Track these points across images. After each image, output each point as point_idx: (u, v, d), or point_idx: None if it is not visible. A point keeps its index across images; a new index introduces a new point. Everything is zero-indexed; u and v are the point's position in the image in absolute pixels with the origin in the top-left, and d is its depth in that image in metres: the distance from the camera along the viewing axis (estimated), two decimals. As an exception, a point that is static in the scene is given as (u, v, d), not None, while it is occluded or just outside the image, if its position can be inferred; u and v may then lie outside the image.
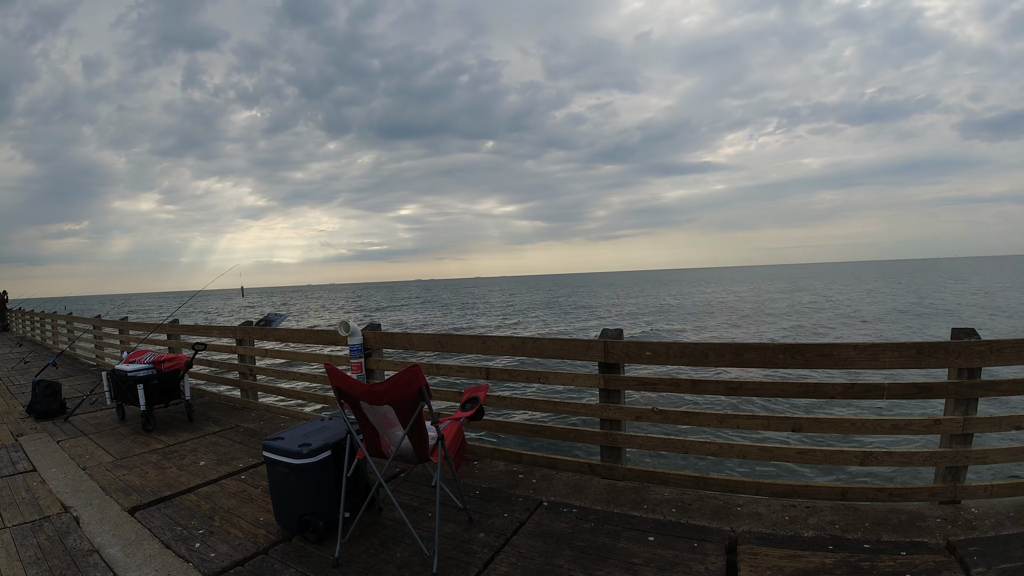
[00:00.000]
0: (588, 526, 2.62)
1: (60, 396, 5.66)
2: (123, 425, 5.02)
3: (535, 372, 3.59)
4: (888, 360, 2.66)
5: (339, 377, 2.38)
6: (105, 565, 2.41)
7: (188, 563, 2.41)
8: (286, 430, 2.81)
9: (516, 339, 3.59)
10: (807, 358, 2.78)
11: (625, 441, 3.25)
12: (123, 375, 4.91)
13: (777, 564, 2.17)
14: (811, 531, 2.45)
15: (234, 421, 4.97)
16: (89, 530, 2.78)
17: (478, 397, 2.85)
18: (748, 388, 2.98)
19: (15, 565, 2.43)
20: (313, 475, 2.53)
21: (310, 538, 2.56)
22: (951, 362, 2.62)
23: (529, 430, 3.78)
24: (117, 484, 3.43)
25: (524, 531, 2.59)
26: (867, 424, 2.79)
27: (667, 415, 3.19)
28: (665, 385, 3.19)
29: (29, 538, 2.70)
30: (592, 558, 2.31)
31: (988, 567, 2.02)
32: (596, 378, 3.28)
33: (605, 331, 3.25)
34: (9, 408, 6.05)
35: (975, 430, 2.64)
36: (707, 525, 2.57)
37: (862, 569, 2.10)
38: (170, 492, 3.25)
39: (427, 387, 2.27)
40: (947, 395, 2.69)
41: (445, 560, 2.33)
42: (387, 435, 2.45)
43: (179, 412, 5.28)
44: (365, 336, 4.26)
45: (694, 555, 2.29)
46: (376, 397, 2.29)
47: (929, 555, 2.17)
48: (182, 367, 5.11)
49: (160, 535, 2.68)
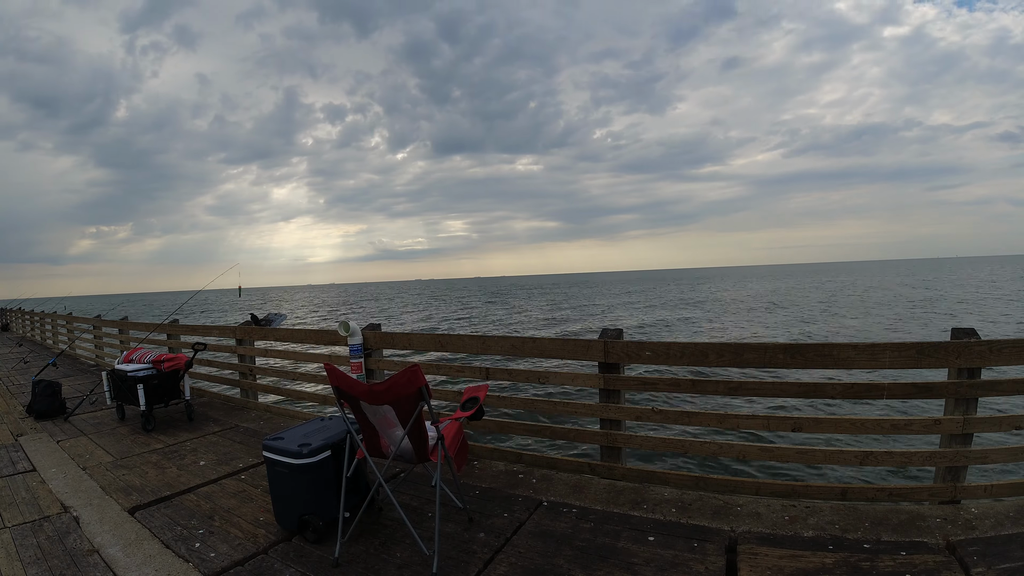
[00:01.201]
0: (588, 526, 2.61)
1: (60, 396, 5.66)
2: (123, 425, 5.02)
3: (535, 372, 3.59)
4: (888, 360, 2.66)
5: (339, 377, 2.38)
6: (105, 565, 2.41)
7: (188, 563, 2.41)
8: (286, 430, 2.81)
9: (516, 339, 3.59)
10: (807, 358, 2.79)
11: (625, 441, 3.25)
12: (123, 375, 4.92)
13: (777, 564, 2.17)
14: (811, 531, 2.45)
15: (234, 421, 4.97)
16: (89, 530, 2.78)
17: (478, 397, 2.85)
18: (748, 388, 2.98)
19: (15, 565, 2.43)
20: (313, 475, 2.53)
21: (310, 538, 2.55)
22: (951, 362, 2.62)
23: (529, 430, 3.78)
24: (117, 484, 3.43)
25: (524, 531, 2.59)
26: (867, 424, 2.79)
27: (667, 415, 3.19)
28: (665, 385, 3.19)
29: (29, 538, 2.70)
30: (592, 558, 2.31)
31: (988, 567, 2.02)
32: (596, 378, 3.28)
33: (605, 331, 3.25)
34: (9, 408, 6.05)
35: (975, 430, 2.64)
36: (707, 525, 2.57)
37: (862, 569, 2.10)
38: (170, 492, 3.26)
39: (427, 387, 2.27)
40: (947, 395, 2.69)
41: (445, 560, 2.33)
42: (387, 435, 2.45)
43: (179, 412, 5.28)
44: (365, 336, 4.27)
45: (694, 555, 2.29)
46: (376, 397, 2.29)
47: (929, 555, 2.17)
48: (182, 367, 5.11)
49: (160, 535, 2.68)
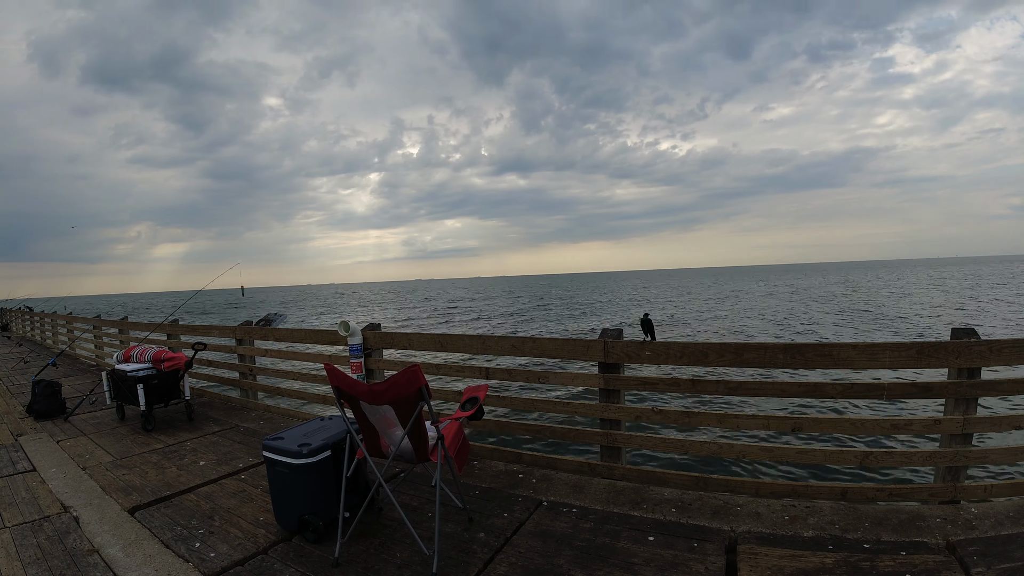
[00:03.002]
0: (588, 526, 2.61)
1: (60, 396, 5.66)
2: (123, 425, 5.02)
3: (535, 372, 3.59)
4: (888, 360, 2.66)
5: (339, 377, 2.37)
6: (105, 565, 2.41)
7: (188, 563, 2.41)
8: (286, 430, 2.81)
9: (516, 339, 3.59)
10: (807, 358, 2.79)
11: (625, 441, 3.25)
12: (123, 375, 4.92)
13: (777, 564, 2.17)
14: (811, 531, 2.45)
15: (234, 421, 4.97)
16: (89, 530, 2.78)
17: (478, 397, 2.85)
18: (748, 388, 2.98)
19: (15, 565, 2.43)
20: (313, 475, 2.53)
21: (310, 538, 2.55)
22: (951, 362, 2.62)
23: (529, 430, 3.78)
24: (117, 484, 3.43)
25: (524, 531, 2.59)
26: (867, 424, 2.79)
27: (667, 415, 3.19)
28: (665, 385, 3.19)
29: (29, 538, 2.70)
30: (592, 558, 2.31)
31: (988, 567, 2.02)
32: (596, 378, 3.28)
33: (605, 331, 3.25)
34: (9, 408, 6.05)
35: (975, 430, 2.64)
36: (707, 525, 2.57)
37: (862, 569, 2.10)
38: (170, 492, 3.25)
39: (427, 387, 2.27)
40: (947, 395, 2.69)
41: (445, 560, 2.33)
42: (387, 435, 2.45)
43: (179, 412, 5.28)
44: (365, 336, 4.27)
45: (694, 555, 2.29)
46: (376, 397, 2.29)
47: (929, 555, 2.17)
48: (182, 367, 5.10)
49: (160, 535, 2.68)
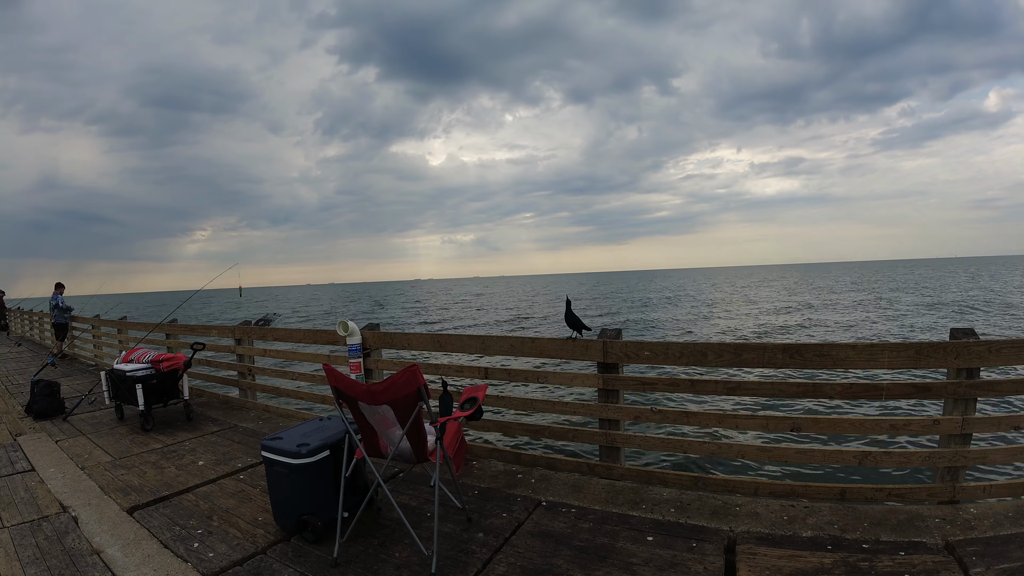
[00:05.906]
0: (587, 526, 2.61)
1: (59, 396, 5.66)
2: (122, 425, 5.02)
3: (534, 372, 3.59)
4: (887, 360, 2.66)
5: (337, 377, 2.37)
6: (104, 565, 2.41)
7: (187, 563, 2.40)
8: (285, 430, 2.81)
9: (515, 339, 3.59)
10: (806, 358, 2.79)
11: (624, 441, 3.25)
12: (122, 375, 4.91)
13: (776, 564, 2.17)
14: (810, 531, 2.45)
15: (233, 421, 4.97)
16: (88, 530, 2.77)
17: (477, 397, 2.84)
18: (747, 388, 2.99)
19: (14, 565, 2.43)
20: (312, 475, 2.53)
21: (308, 538, 2.55)
22: (949, 362, 2.62)
23: (528, 430, 3.78)
24: (116, 484, 3.42)
25: (523, 531, 2.59)
26: (866, 424, 2.79)
27: (666, 415, 3.19)
28: (664, 385, 3.19)
29: (28, 538, 2.69)
30: (591, 558, 2.31)
31: (987, 567, 2.02)
32: (595, 378, 3.28)
33: (604, 331, 3.25)
34: (8, 408, 6.05)
35: (974, 430, 2.64)
36: (706, 525, 2.57)
37: (861, 569, 2.10)
38: (169, 492, 3.25)
39: (426, 387, 2.26)
40: (946, 395, 2.69)
41: (444, 560, 2.33)
42: (386, 435, 2.45)
43: (178, 412, 5.27)
44: (364, 336, 4.26)
45: (693, 555, 2.29)
46: (374, 397, 2.29)
47: (928, 555, 2.17)
48: (181, 367, 5.10)
49: (159, 535, 2.68)
